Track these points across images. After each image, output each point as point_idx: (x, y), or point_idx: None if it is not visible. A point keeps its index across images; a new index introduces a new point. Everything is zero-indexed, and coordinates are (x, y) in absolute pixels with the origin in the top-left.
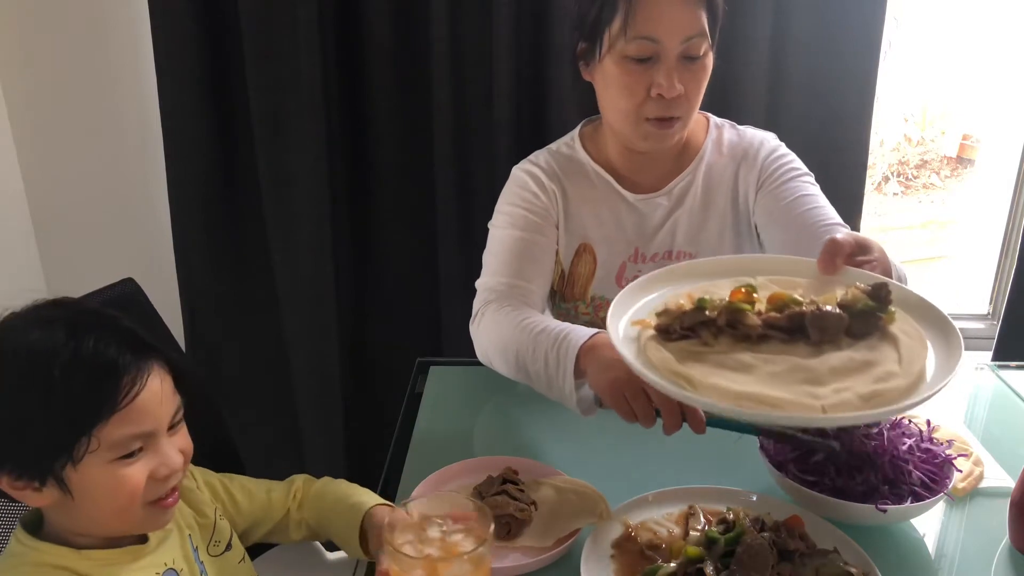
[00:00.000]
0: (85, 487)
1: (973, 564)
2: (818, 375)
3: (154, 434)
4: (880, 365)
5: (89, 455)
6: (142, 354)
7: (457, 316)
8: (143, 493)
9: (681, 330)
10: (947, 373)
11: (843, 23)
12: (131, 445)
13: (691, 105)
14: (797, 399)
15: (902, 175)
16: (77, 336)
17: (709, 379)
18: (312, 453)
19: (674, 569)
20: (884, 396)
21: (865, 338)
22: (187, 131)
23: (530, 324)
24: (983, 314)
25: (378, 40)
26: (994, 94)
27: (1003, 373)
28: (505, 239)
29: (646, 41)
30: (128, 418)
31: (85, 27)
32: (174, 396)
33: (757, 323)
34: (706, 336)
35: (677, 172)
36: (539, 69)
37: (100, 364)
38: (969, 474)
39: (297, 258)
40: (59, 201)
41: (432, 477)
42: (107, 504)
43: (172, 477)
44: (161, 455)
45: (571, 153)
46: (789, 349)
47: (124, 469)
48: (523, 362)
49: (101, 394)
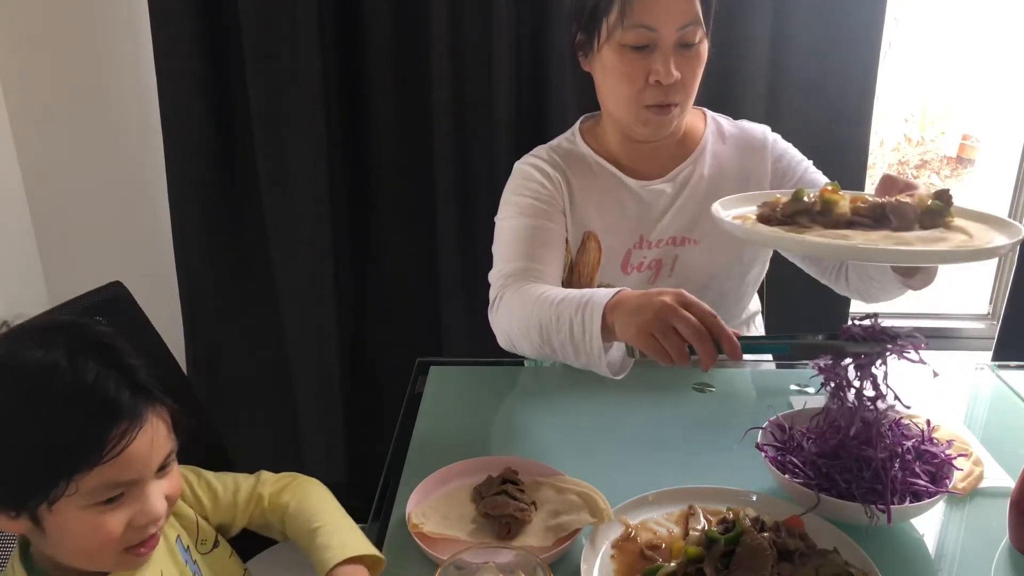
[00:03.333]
0: (58, 527)
1: (973, 564)
2: (907, 241)
3: (139, 482)
4: (954, 240)
5: (65, 498)
6: (142, 399)
7: (457, 316)
8: (119, 540)
9: (781, 216)
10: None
11: (843, 23)
12: (111, 492)
13: (688, 92)
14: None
15: (902, 175)
16: (78, 367)
17: (816, 239)
18: (312, 453)
19: (674, 569)
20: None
21: (934, 229)
22: (187, 131)
23: (551, 296)
24: (983, 314)
25: (378, 40)
26: (994, 94)
27: (1003, 373)
28: (514, 228)
29: (643, 29)
30: (112, 468)
31: (85, 27)
32: (167, 442)
33: (847, 210)
34: (803, 221)
35: (678, 160)
36: (539, 69)
37: (95, 405)
38: (969, 474)
39: (297, 258)
40: (59, 201)
41: (432, 477)
42: (79, 547)
43: (151, 526)
44: (143, 502)
45: (572, 147)
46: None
47: (101, 516)
48: (547, 334)
49: (87, 442)
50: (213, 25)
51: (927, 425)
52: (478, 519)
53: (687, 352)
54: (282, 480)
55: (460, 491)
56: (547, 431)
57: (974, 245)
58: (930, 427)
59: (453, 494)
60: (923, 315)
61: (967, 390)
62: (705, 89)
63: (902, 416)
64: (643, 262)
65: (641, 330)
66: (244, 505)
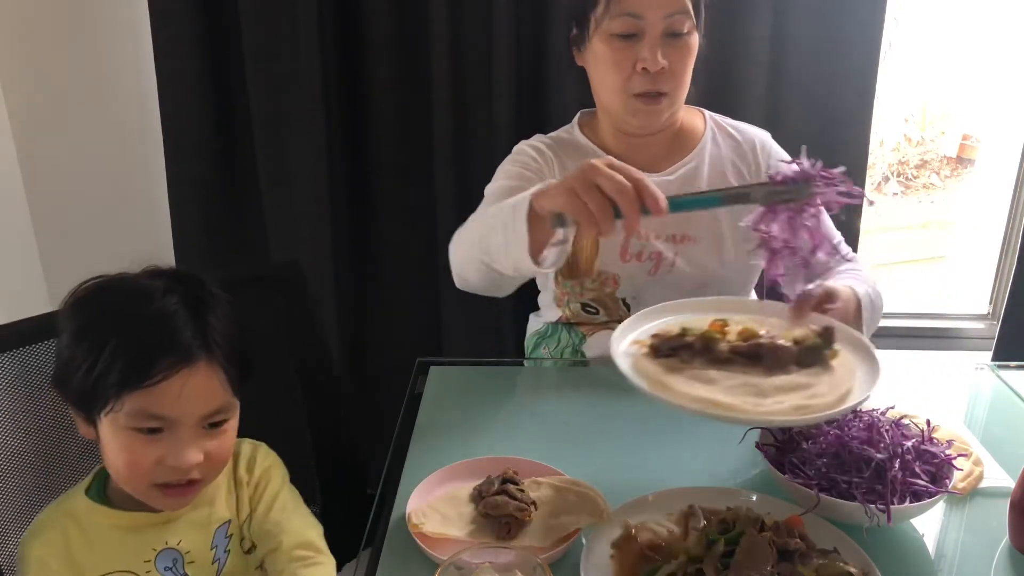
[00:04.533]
0: (106, 441)
1: (973, 564)
2: (764, 390)
3: (177, 423)
4: (815, 387)
5: (113, 413)
6: (199, 345)
7: (457, 316)
8: (149, 473)
9: (668, 350)
10: (858, 398)
11: (843, 23)
12: (147, 423)
13: (678, 82)
14: (740, 405)
15: (902, 175)
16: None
17: (680, 387)
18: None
19: (674, 569)
20: (809, 408)
21: (810, 368)
22: (187, 131)
23: (488, 209)
24: (983, 314)
25: (378, 40)
26: (994, 94)
27: (1003, 373)
28: (494, 189)
29: (629, 17)
30: (152, 397)
31: (85, 27)
32: (216, 394)
33: (725, 349)
34: (685, 356)
35: (674, 156)
36: (539, 69)
37: (158, 334)
38: (969, 474)
39: (297, 258)
40: (59, 201)
41: (432, 477)
42: (117, 465)
43: (181, 472)
44: (177, 445)
45: (570, 138)
46: (748, 371)
47: (136, 442)
48: (486, 246)
49: (138, 362)
50: (213, 25)
51: (927, 425)
52: (478, 519)
53: (610, 209)
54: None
55: (460, 491)
56: (547, 431)
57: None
58: (930, 427)
59: (453, 494)
60: (923, 315)
61: (967, 390)
62: (705, 89)
63: (902, 416)
64: (642, 252)
65: (564, 189)
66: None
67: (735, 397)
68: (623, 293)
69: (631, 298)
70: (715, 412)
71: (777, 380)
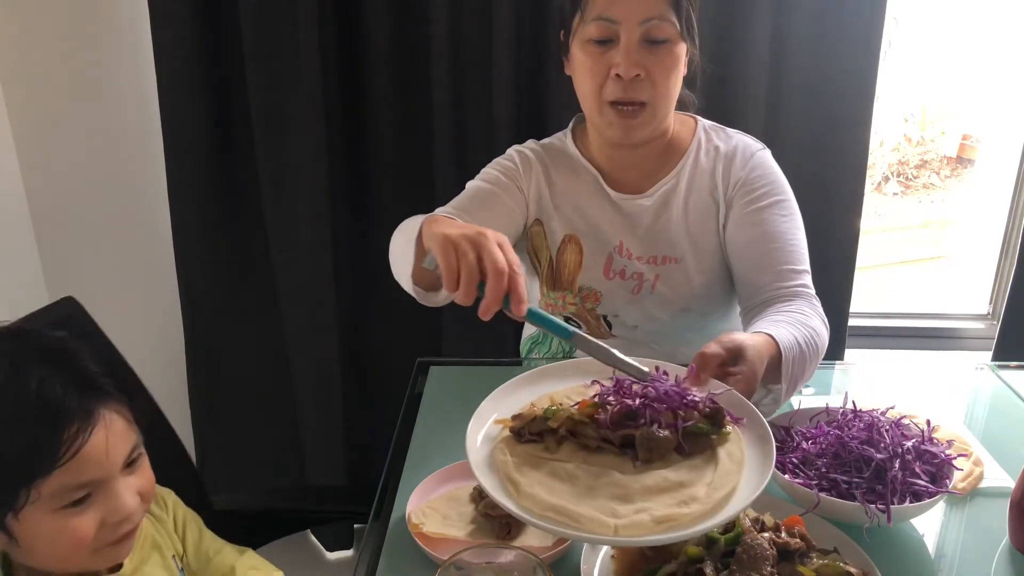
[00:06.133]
0: (29, 536)
1: (973, 564)
2: (629, 493)
3: (104, 480)
4: (690, 487)
5: (30, 506)
6: (91, 397)
7: (457, 316)
8: (93, 541)
9: (529, 435)
10: (739, 505)
11: (843, 23)
12: (76, 494)
13: (658, 92)
14: (596, 516)
15: (902, 175)
16: (21, 375)
17: (532, 488)
18: (312, 453)
19: (674, 569)
20: (676, 521)
21: (693, 457)
22: (187, 131)
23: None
24: (983, 314)
25: (378, 40)
26: (994, 94)
27: (1003, 373)
28: (468, 187)
29: (603, 22)
30: (72, 469)
31: (85, 27)
32: (128, 436)
33: (595, 436)
34: (548, 443)
35: (662, 172)
36: (539, 69)
37: (42, 410)
38: (969, 474)
39: (297, 258)
40: (59, 201)
41: (432, 477)
42: (53, 552)
43: (125, 523)
44: (113, 500)
45: (562, 146)
46: (619, 463)
47: (71, 519)
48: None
49: (40, 447)
50: (213, 25)
51: (927, 425)
52: (478, 519)
53: (476, 282)
54: (262, 570)
55: (460, 491)
56: None
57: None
58: (930, 427)
59: (453, 494)
60: (923, 315)
61: (967, 390)
62: (706, 91)
63: (903, 416)
64: (625, 270)
65: (448, 240)
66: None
67: (593, 504)
68: (604, 310)
69: (611, 316)
70: (564, 531)
71: (648, 478)
